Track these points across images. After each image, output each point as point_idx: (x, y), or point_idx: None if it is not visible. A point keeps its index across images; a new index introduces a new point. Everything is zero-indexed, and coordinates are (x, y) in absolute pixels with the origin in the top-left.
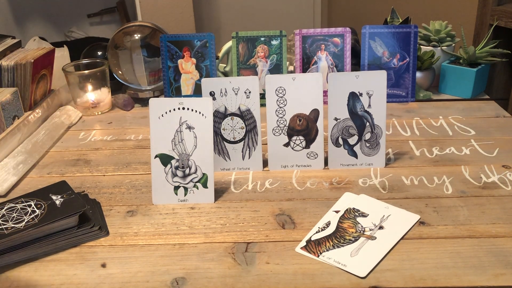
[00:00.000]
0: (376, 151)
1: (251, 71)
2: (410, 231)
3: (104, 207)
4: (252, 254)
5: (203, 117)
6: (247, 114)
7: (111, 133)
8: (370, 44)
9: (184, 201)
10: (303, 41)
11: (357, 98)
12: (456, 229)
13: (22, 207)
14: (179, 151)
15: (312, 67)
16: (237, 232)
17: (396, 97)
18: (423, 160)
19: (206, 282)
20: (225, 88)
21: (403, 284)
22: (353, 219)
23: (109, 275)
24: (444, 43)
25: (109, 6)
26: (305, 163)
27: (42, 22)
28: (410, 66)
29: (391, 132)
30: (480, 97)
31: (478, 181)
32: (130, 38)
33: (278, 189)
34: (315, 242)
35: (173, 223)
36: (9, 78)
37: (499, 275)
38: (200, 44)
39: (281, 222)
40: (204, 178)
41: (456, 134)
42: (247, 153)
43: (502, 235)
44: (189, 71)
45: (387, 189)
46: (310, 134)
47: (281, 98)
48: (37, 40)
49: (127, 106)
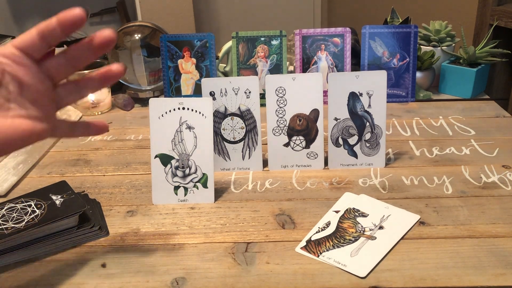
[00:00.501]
0: (376, 151)
1: (251, 71)
2: (410, 231)
3: (104, 207)
4: (252, 254)
5: (203, 117)
6: (247, 114)
7: (111, 133)
8: (370, 44)
9: (184, 201)
10: (303, 41)
11: (357, 98)
12: (456, 229)
13: (22, 207)
14: (179, 151)
15: (312, 67)
16: (237, 232)
17: (396, 97)
18: (423, 160)
19: (206, 282)
20: (225, 88)
21: (403, 284)
22: (353, 219)
23: (109, 275)
24: (444, 43)
25: (109, 6)
26: (305, 163)
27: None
28: (410, 66)
29: (391, 132)
30: (480, 97)
31: (478, 181)
32: (130, 38)
33: (278, 189)
34: (315, 242)
35: (173, 223)
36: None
37: (499, 275)
38: (200, 44)
39: (281, 222)
40: (204, 178)
41: (456, 134)
42: (247, 153)
43: (502, 235)
44: (189, 71)
45: (387, 189)
46: (310, 134)
47: (281, 98)
48: None
49: (127, 106)
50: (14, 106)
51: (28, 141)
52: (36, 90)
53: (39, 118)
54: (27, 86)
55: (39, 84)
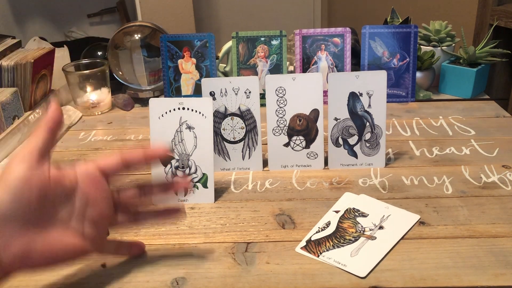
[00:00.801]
0: (376, 151)
1: (251, 71)
2: (410, 231)
3: None
4: (252, 254)
5: (203, 117)
6: (247, 114)
7: (111, 133)
8: (370, 44)
9: (184, 201)
10: (303, 41)
11: (357, 98)
12: (456, 229)
13: None
14: (179, 151)
15: (312, 67)
16: (237, 232)
17: (396, 97)
18: (423, 160)
19: (206, 282)
20: (225, 88)
21: (403, 284)
22: (353, 219)
23: (109, 275)
24: (444, 43)
25: (109, 6)
26: (305, 163)
27: (42, 22)
28: (410, 66)
29: (391, 132)
30: (480, 97)
31: (478, 181)
32: (130, 38)
33: (278, 189)
34: (315, 242)
35: (173, 223)
36: (9, 78)
37: (499, 275)
38: (200, 44)
39: (281, 222)
40: (204, 178)
41: (456, 134)
42: (247, 153)
43: (502, 235)
44: (189, 71)
45: (387, 189)
46: (310, 134)
47: (281, 98)
48: (37, 40)
49: (127, 106)
50: (74, 222)
51: (73, 258)
52: (100, 211)
53: (91, 238)
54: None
55: (105, 205)
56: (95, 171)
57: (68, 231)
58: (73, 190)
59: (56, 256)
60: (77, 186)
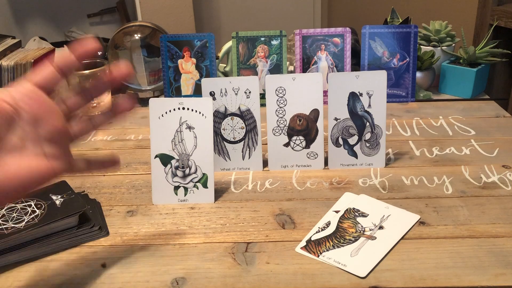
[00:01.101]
0: (376, 151)
1: (251, 71)
2: (410, 231)
3: (104, 207)
4: (252, 254)
5: (203, 117)
6: (247, 114)
7: (111, 133)
8: (370, 44)
9: (184, 201)
10: (303, 41)
11: (357, 98)
12: (456, 229)
13: (22, 207)
14: (179, 151)
15: (312, 67)
16: (237, 232)
17: (396, 97)
18: (423, 160)
19: (206, 282)
20: (225, 88)
21: (403, 284)
22: (353, 219)
23: (109, 275)
24: (444, 43)
25: (109, 6)
26: (305, 163)
27: (42, 22)
28: (410, 66)
29: (391, 132)
30: (480, 97)
31: (478, 181)
32: (130, 38)
33: (278, 189)
34: (315, 242)
35: (173, 223)
36: (9, 78)
37: (499, 275)
38: (200, 44)
39: (281, 222)
40: (204, 178)
41: (456, 134)
42: (247, 153)
43: (502, 235)
44: (189, 71)
45: (387, 189)
46: (310, 134)
47: (281, 98)
48: (37, 40)
49: None
50: (30, 145)
51: (44, 181)
52: (52, 126)
53: (55, 156)
54: (43, 122)
55: (55, 120)
56: (32, 88)
57: (28, 156)
58: (15, 114)
59: (24, 183)
60: (18, 108)
